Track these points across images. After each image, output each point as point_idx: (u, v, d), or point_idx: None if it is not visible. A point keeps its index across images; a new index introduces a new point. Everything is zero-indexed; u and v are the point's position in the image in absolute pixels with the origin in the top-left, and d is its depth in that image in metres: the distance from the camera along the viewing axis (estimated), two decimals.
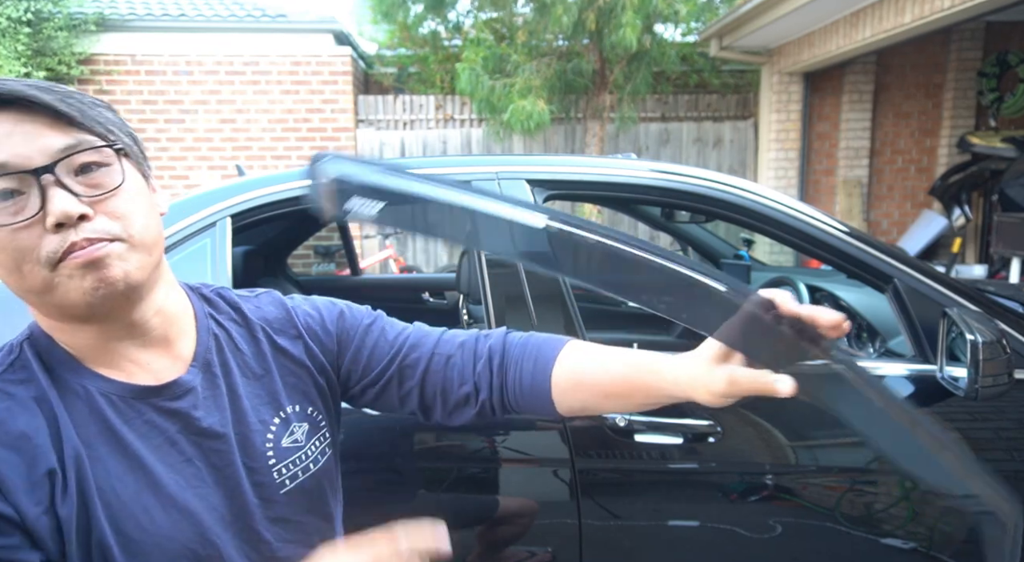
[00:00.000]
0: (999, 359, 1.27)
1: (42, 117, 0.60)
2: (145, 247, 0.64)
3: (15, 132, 0.59)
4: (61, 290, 0.61)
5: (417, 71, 7.23)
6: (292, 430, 0.78)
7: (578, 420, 1.35)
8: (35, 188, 0.59)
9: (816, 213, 1.51)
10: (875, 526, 1.40)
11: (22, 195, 0.59)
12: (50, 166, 0.59)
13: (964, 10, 4.13)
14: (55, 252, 0.59)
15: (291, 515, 0.76)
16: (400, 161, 0.74)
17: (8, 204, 0.59)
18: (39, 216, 0.59)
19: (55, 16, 5.98)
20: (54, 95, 0.61)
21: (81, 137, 0.62)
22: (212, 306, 0.78)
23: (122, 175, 0.64)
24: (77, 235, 0.59)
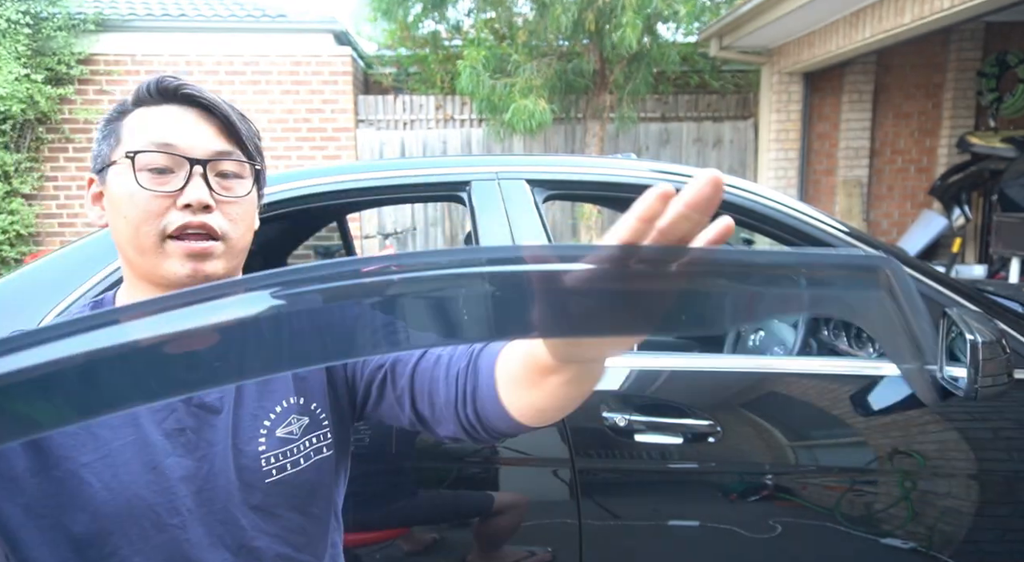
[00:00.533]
0: (999, 359, 1.28)
1: (215, 123, 0.74)
2: (237, 252, 0.76)
3: (192, 125, 0.73)
4: (160, 260, 0.71)
5: (417, 71, 7.23)
6: (289, 422, 0.79)
7: (578, 419, 1.35)
8: (184, 172, 0.71)
9: (816, 213, 1.51)
10: (875, 526, 1.40)
11: (171, 173, 0.72)
12: (204, 161, 0.72)
13: (964, 10, 4.13)
14: (172, 224, 0.70)
15: (271, 506, 0.76)
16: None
17: (158, 176, 0.71)
18: (176, 193, 0.71)
19: (54, 16, 5.98)
20: (233, 112, 0.76)
21: (234, 149, 0.75)
22: None
23: (248, 190, 0.77)
24: (195, 217, 0.71)
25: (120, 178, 0.72)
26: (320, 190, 1.44)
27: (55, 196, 6.50)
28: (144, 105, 0.74)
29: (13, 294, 1.32)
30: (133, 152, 0.71)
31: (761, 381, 1.45)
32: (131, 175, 0.71)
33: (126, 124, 0.74)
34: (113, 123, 0.75)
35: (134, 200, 0.71)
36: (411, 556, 1.38)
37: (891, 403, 1.44)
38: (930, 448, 1.42)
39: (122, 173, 0.72)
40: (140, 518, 0.69)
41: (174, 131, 0.72)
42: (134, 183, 0.70)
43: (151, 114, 0.73)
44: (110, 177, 0.73)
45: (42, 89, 5.95)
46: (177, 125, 0.73)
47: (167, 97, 0.74)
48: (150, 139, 0.71)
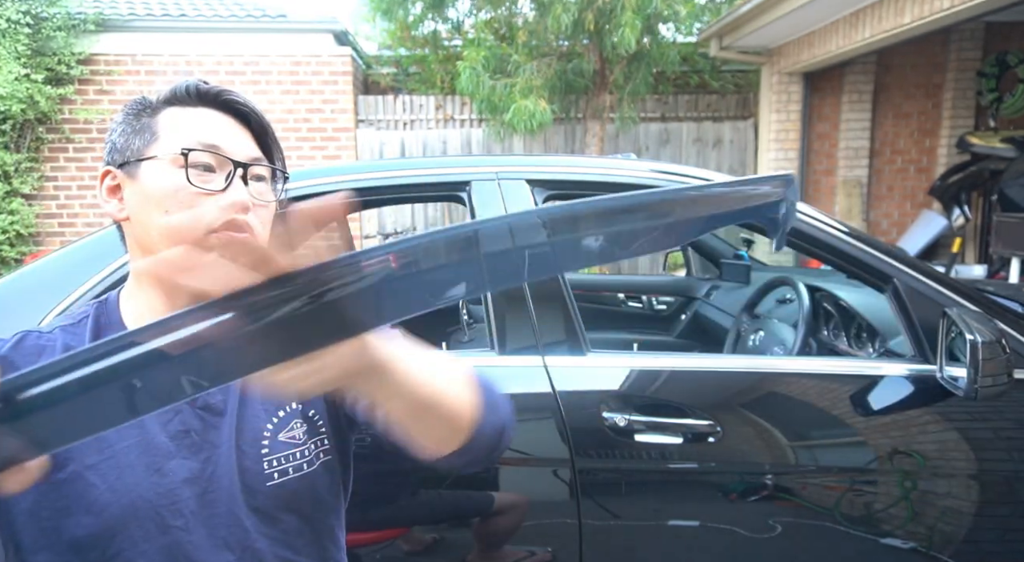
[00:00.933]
0: (998, 359, 1.28)
1: (248, 130, 0.78)
2: None
3: (231, 130, 0.77)
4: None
5: (417, 71, 7.23)
6: (292, 426, 0.79)
7: (578, 419, 1.35)
8: (227, 172, 0.74)
9: (816, 213, 1.51)
10: (875, 526, 1.40)
11: (213, 173, 0.74)
12: (245, 164, 0.75)
13: (964, 10, 4.13)
14: (217, 221, 0.72)
15: (273, 509, 0.76)
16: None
17: (201, 174, 0.73)
18: (218, 193, 0.73)
19: (55, 16, 5.98)
20: (263, 119, 0.80)
21: (263, 156, 0.79)
22: None
23: (274, 196, 0.80)
24: (238, 216, 0.73)
25: (161, 173, 0.73)
26: (320, 190, 1.44)
27: (55, 196, 6.50)
28: (178, 105, 0.76)
29: (13, 294, 1.32)
30: (187, 149, 0.73)
31: (761, 381, 1.45)
32: (176, 172, 0.72)
33: (162, 120, 0.75)
34: (144, 118, 0.76)
35: (179, 196, 0.72)
36: (411, 556, 1.38)
37: (891, 403, 1.44)
38: (930, 448, 1.42)
39: (163, 169, 0.73)
40: (144, 519, 0.70)
41: (218, 133, 0.75)
42: (182, 179, 0.72)
43: (189, 115, 0.76)
44: (144, 172, 0.74)
45: (42, 89, 5.95)
46: (220, 127, 0.76)
47: (205, 100, 0.76)
48: (197, 138, 0.73)
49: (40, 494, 0.67)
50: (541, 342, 1.38)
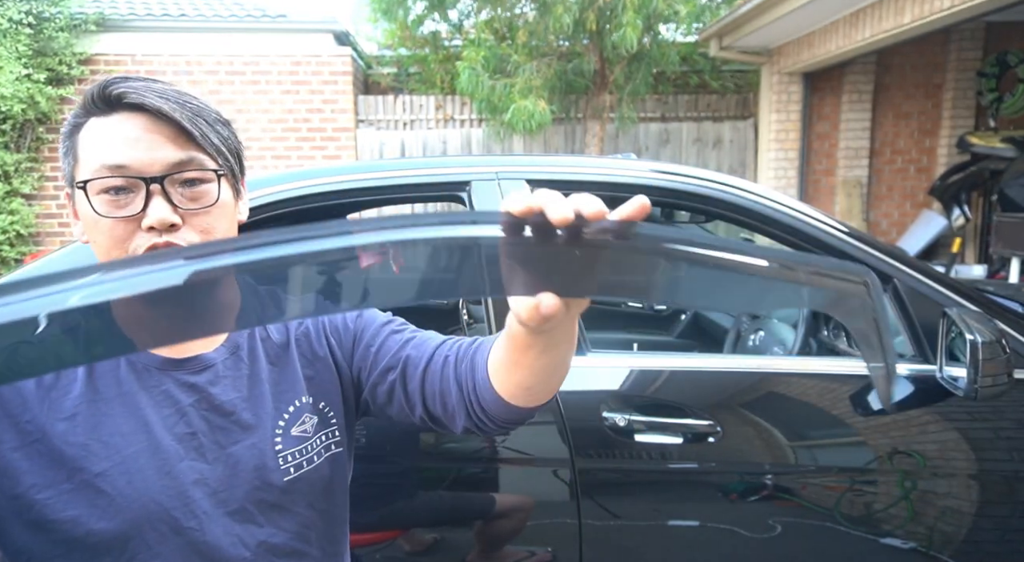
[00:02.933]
0: (998, 359, 1.28)
1: (168, 129, 0.69)
2: None
3: (142, 139, 0.68)
4: None
5: (417, 71, 7.23)
6: (303, 421, 0.80)
7: (578, 419, 1.35)
8: (143, 191, 0.68)
9: (816, 213, 1.51)
10: (875, 526, 1.40)
11: (130, 193, 0.68)
12: (160, 178, 0.68)
13: (964, 10, 4.13)
14: (141, 247, 0.68)
15: (288, 504, 0.77)
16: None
17: (116, 198, 0.68)
18: (139, 215, 0.68)
19: (56, 17, 5.98)
20: (184, 112, 0.69)
21: (194, 155, 0.70)
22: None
23: (217, 195, 0.72)
24: (161, 238, 0.68)
25: (82, 203, 0.69)
26: (320, 190, 1.44)
27: (55, 196, 6.50)
28: (94, 115, 0.70)
29: None
30: (83, 182, 0.68)
31: (761, 381, 1.45)
32: (89, 202, 0.68)
33: (81, 140, 0.70)
34: (70, 138, 0.72)
35: (98, 227, 0.68)
36: (411, 556, 1.38)
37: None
38: (930, 448, 1.42)
39: (82, 198, 0.69)
40: (157, 522, 0.70)
41: (125, 148, 0.67)
42: (93, 211, 0.68)
43: (101, 128, 0.69)
44: (77, 199, 0.71)
45: (43, 89, 5.95)
46: (128, 140, 0.68)
47: (113, 105, 0.69)
48: (101, 161, 0.68)
49: (47, 507, 0.67)
50: None
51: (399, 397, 0.82)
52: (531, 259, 0.44)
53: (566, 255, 0.44)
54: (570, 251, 0.43)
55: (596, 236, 0.43)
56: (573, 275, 0.44)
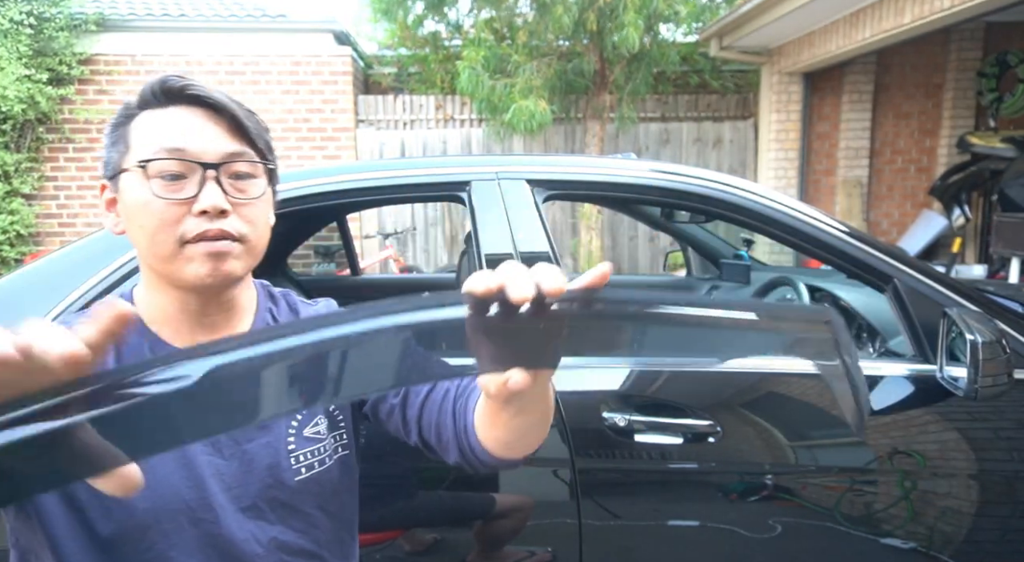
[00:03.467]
0: (999, 359, 1.28)
1: (224, 122, 0.73)
2: (255, 252, 0.76)
3: (201, 128, 0.71)
4: (180, 264, 0.71)
5: (417, 71, 7.23)
6: (316, 422, 0.82)
7: (578, 419, 1.35)
8: (198, 177, 0.70)
9: (816, 213, 1.51)
10: (875, 526, 1.40)
11: (184, 179, 0.70)
12: (217, 165, 0.71)
13: (964, 10, 4.13)
14: (190, 232, 0.70)
15: (299, 504, 0.79)
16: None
17: (171, 183, 0.70)
18: (191, 200, 0.70)
19: (56, 17, 5.98)
20: (240, 108, 0.74)
21: (246, 149, 0.74)
22: (274, 303, 0.87)
23: (263, 189, 0.76)
24: (212, 224, 0.70)
25: (133, 187, 0.71)
26: (320, 190, 1.44)
27: (55, 196, 6.50)
28: (149, 108, 0.73)
29: (13, 294, 1.32)
30: (144, 161, 0.70)
31: (761, 381, 1.45)
32: (145, 184, 0.70)
33: (133, 129, 0.73)
34: (120, 128, 0.74)
35: (149, 209, 0.70)
36: (411, 556, 1.38)
37: (891, 403, 1.44)
38: (930, 448, 1.42)
39: (135, 182, 0.71)
40: (176, 513, 0.72)
41: (184, 135, 0.71)
42: (148, 192, 0.69)
43: (158, 117, 0.72)
44: (123, 185, 0.72)
45: (43, 89, 5.95)
46: (186, 128, 0.71)
47: (172, 98, 0.72)
48: (160, 145, 0.70)
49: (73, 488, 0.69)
50: None
51: (397, 419, 0.84)
52: (497, 335, 0.45)
53: (531, 329, 0.45)
54: (534, 324, 0.45)
55: (559, 307, 0.44)
56: (539, 347, 0.46)
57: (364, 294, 2.70)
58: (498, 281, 0.44)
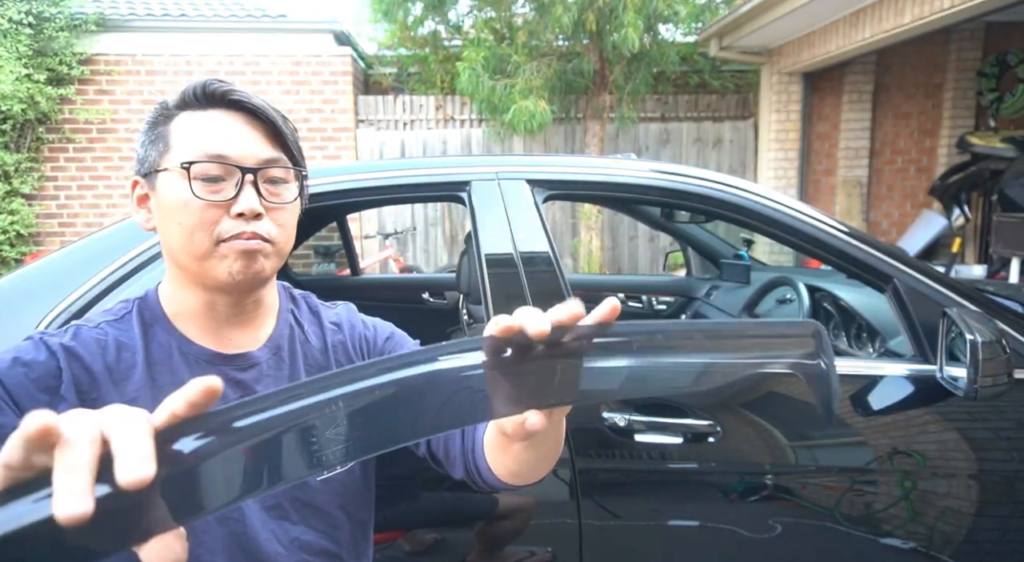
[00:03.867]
0: (999, 359, 1.28)
1: (262, 128, 0.76)
2: (283, 254, 0.79)
3: (242, 133, 0.74)
4: (214, 262, 0.74)
5: (417, 71, 7.23)
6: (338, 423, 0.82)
7: (578, 419, 1.35)
8: (236, 180, 0.73)
9: (816, 213, 1.51)
10: (875, 526, 1.40)
11: (223, 181, 0.73)
12: (255, 169, 0.74)
13: (964, 10, 4.13)
14: (226, 232, 0.73)
15: (321, 503, 0.81)
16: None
17: (210, 184, 0.73)
18: (229, 202, 0.73)
19: (56, 17, 5.98)
20: (277, 115, 0.77)
21: (281, 155, 0.77)
22: (295, 304, 0.89)
23: (295, 195, 0.79)
24: (248, 226, 0.73)
25: (173, 186, 0.73)
26: (320, 190, 1.44)
27: (55, 196, 6.50)
28: (189, 109, 0.75)
29: (13, 294, 1.32)
30: (188, 163, 0.72)
31: (761, 381, 1.45)
32: (185, 184, 0.72)
33: (174, 129, 0.75)
34: (159, 127, 0.76)
35: (189, 208, 0.72)
36: (412, 556, 1.38)
37: (891, 403, 1.44)
38: (930, 448, 1.42)
39: (174, 181, 0.73)
40: None
41: (225, 139, 0.73)
42: (189, 192, 0.72)
43: (198, 120, 0.74)
44: (160, 183, 0.74)
45: (43, 89, 5.95)
46: (227, 133, 0.74)
47: (213, 102, 0.75)
48: (203, 148, 0.73)
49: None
50: None
51: None
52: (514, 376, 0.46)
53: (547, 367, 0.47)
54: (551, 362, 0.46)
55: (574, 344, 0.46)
56: (555, 384, 0.48)
57: (364, 294, 2.70)
58: (517, 322, 0.46)
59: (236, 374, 0.78)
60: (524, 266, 1.41)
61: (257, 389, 0.79)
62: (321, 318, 0.90)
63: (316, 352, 0.86)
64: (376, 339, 0.91)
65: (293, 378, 0.82)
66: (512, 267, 1.41)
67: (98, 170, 6.50)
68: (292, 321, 0.87)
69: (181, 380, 0.73)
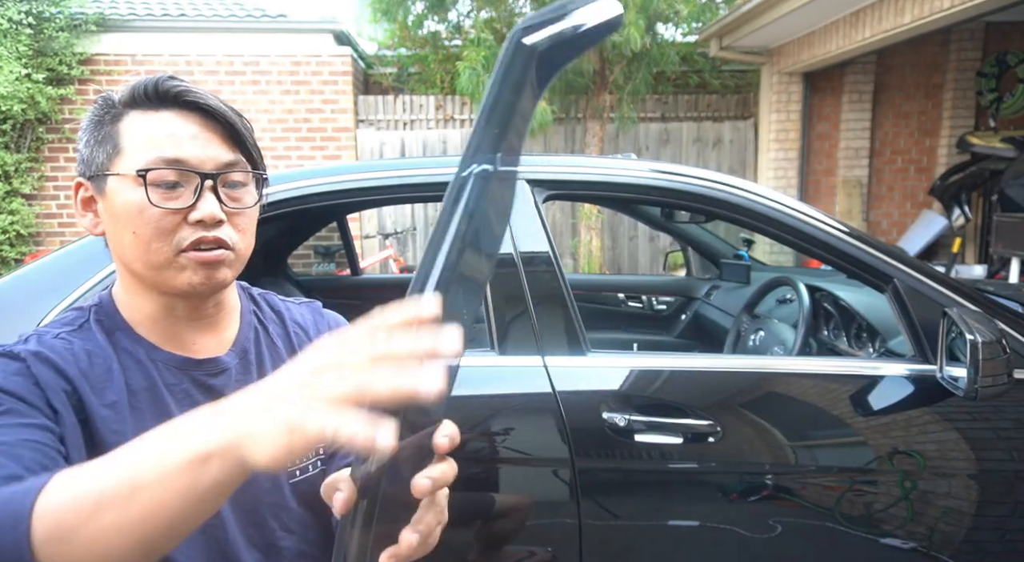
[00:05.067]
0: (999, 359, 1.28)
1: (220, 130, 0.72)
2: (244, 260, 0.76)
3: (198, 136, 0.70)
4: (174, 272, 0.71)
5: (417, 71, 7.23)
6: None
7: (578, 419, 1.35)
8: (194, 186, 0.70)
9: (816, 213, 1.51)
10: (875, 526, 1.40)
11: (180, 187, 0.70)
12: (215, 175, 0.70)
13: (964, 10, 4.13)
14: (185, 240, 0.70)
15: (295, 506, 0.80)
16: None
17: (167, 191, 0.69)
18: (187, 209, 0.69)
19: (56, 17, 5.98)
20: (234, 115, 0.73)
21: (240, 158, 0.73)
22: (256, 306, 0.87)
23: (255, 198, 0.76)
24: (208, 232, 0.70)
25: (125, 192, 0.69)
26: (320, 190, 1.44)
27: (55, 196, 6.50)
28: (139, 108, 0.70)
29: (13, 294, 1.32)
30: (144, 170, 0.68)
31: (761, 381, 1.45)
32: (139, 191, 0.68)
33: (124, 131, 0.70)
34: (105, 127, 0.71)
35: (144, 217, 0.69)
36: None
37: (891, 403, 1.44)
38: (930, 448, 1.42)
39: (126, 187, 0.69)
40: None
41: (182, 143, 0.69)
42: (145, 200, 0.68)
43: (151, 121, 0.70)
44: (111, 188, 0.71)
45: (43, 89, 5.95)
46: (184, 136, 0.70)
47: (166, 101, 0.70)
48: (158, 153, 0.68)
49: None
50: (541, 342, 1.38)
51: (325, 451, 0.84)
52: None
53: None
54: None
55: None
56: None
57: (364, 294, 2.70)
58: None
59: (207, 379, 0.76)
60: (524, 266, 1.41)
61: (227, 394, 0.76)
62: (284, 319, 0.87)
63: (283, 355, 0.83)
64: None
65: None
66: (512, 267, 1.41)
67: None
68: (256, 323, 0.84)
69: (153, 386, 0.73)
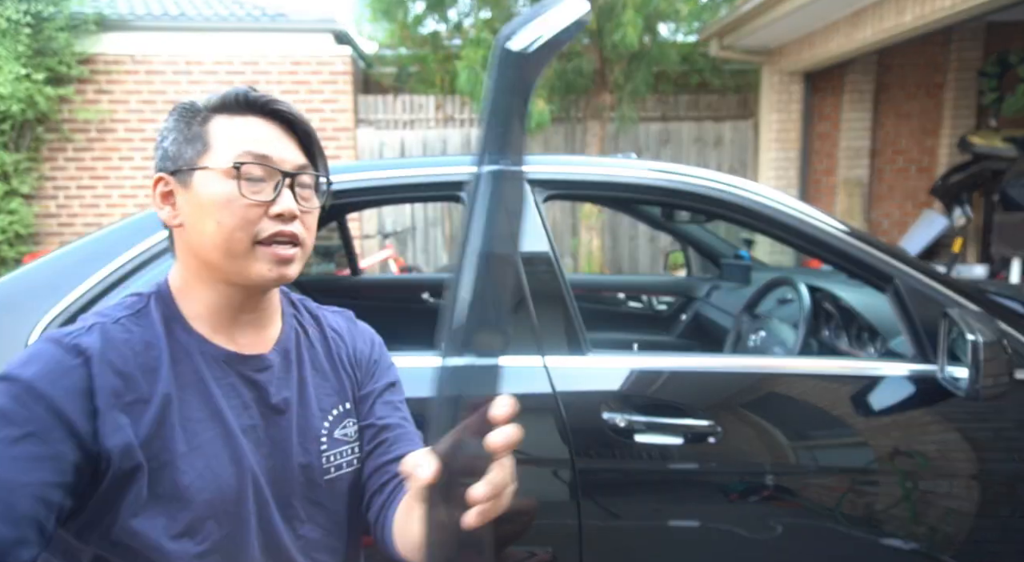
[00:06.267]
0: (1000, 359, 1.27)
1: (295, 137, 0.81)
2: (306, 257, 0.82)
3: (280, 139, 0.79)
4: (249, 263, 0.77)
5: (417, 71, 7.23)
6: (346, 424, 0.87)
7: (578, 419, 1.35)
8: (275, 182, 0.77)
9: (816, 213, 1.51)
10: (875, 527, 1.40)
11: (263, 182, 0.77)
12: (293, 174, 0.78)
13: (965, 10, 4.13)
14: (264, 232, 0.76)
15: (328, 502, 0.84)
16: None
17: (252, 184, 0.76)
18: (269, 203, 0.76)
19: (55, 17, 5.98)
20: (308, 126, 0.82)
21: (308, 163, 0.82)
22: (296, 309, 0.92)
23: (319, 201, 0.83)
24: (285, 226, 0.77)
25: (213, 184, 0.75)
26: None
27: (54, 196, 6.50)
28: (227, 113, 0.78)
29: (13, 294, 1.32)
30: (239, 163, 0.75)
31: (761, 381, 1.45)
32: (227, 183, 0.75)
33: (212, 131, 0.77)
34: (195, 126, 0.78)
35: (231, 207, 0.75)
36: None
37: (891, 403, 1.44)
38: (931, 448, 1.42)
39: (215, 180, 0.75)
40: (228, 505, 0.76)
41: (267, 143, 0.77)
42: (233, 191, 0.75)
43: (238, 124, 0.78)
44: (198, 181, 0.76)
45: (42, 89, 5.95)
46: (268, 138, 0.78)
47: (253, 108, 0.79)
48: (247, 149, 0.76)
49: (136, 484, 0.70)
50: (541, 342, 1.38)
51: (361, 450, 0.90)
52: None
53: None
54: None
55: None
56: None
57: (364, 294, 2.70)
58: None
59: (251, 374, 0.80)
60: (524, 266, 1.41)
61: (270, 390, 0.81)
62: (322, 325, 0.92)
63: (321, 357, 0.89)
64: (371, 356, 0.94)
65: (301, 381, 0.85)
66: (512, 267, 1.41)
67: (97, 170, 6.49)
68: (296, 325, 0.89)
69: (201, 378, 0.77)
